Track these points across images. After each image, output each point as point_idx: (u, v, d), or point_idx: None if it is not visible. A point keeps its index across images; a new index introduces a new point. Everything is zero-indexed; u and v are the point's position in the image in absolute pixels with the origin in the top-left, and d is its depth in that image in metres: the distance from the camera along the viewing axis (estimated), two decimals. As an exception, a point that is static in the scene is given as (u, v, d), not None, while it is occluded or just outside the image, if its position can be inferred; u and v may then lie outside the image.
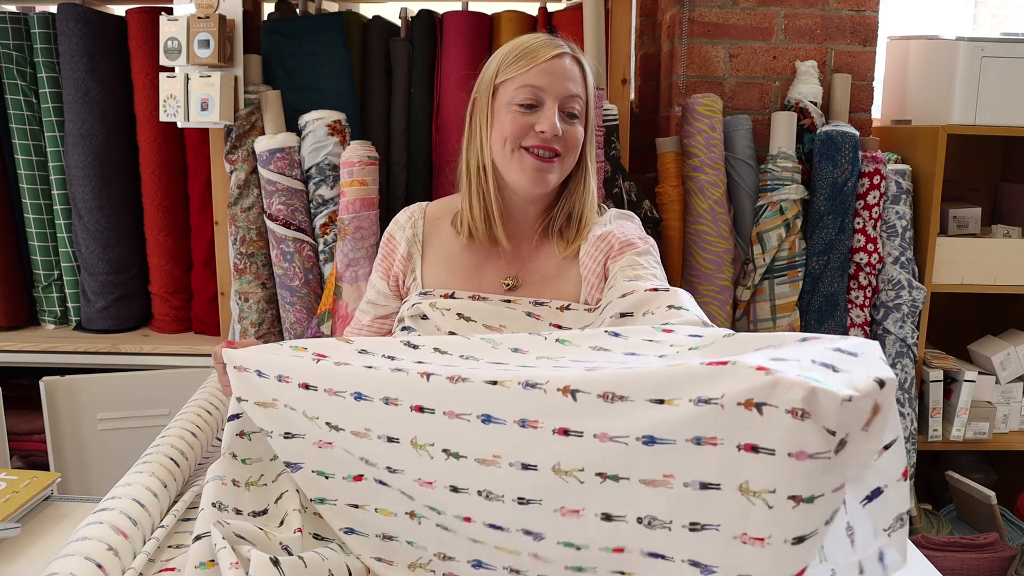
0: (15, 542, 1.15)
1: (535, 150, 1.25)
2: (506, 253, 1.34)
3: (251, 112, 1.88)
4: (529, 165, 1.25)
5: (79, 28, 1.96)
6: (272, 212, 1.86)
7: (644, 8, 2.45)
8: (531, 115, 1.25)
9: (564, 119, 1.26)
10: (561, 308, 1.28)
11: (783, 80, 2.17)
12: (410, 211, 1.41)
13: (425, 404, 0.91)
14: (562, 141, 1.26)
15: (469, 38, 1.96)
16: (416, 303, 1.29)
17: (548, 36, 1.30)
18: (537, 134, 1.24)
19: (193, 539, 0.97)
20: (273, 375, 1.05)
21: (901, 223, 2.02)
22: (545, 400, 0.83)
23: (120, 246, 2.09)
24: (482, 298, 1.30)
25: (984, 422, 2.13)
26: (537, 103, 1.25)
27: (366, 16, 2.06)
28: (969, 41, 2.01)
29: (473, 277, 1.33)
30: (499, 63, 1.29)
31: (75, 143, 2.00)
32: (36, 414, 1.97)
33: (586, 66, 1.30)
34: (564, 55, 1.27)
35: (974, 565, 1.90)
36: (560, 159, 1.27)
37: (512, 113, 1.25)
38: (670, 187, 2.00)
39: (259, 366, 1.06)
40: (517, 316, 1.26)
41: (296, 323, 1.88)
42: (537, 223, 1.35)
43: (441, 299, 1.30)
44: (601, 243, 1.30)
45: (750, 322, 2.02)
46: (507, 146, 1.26)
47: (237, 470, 1.10)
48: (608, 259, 1.29)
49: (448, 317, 1.26)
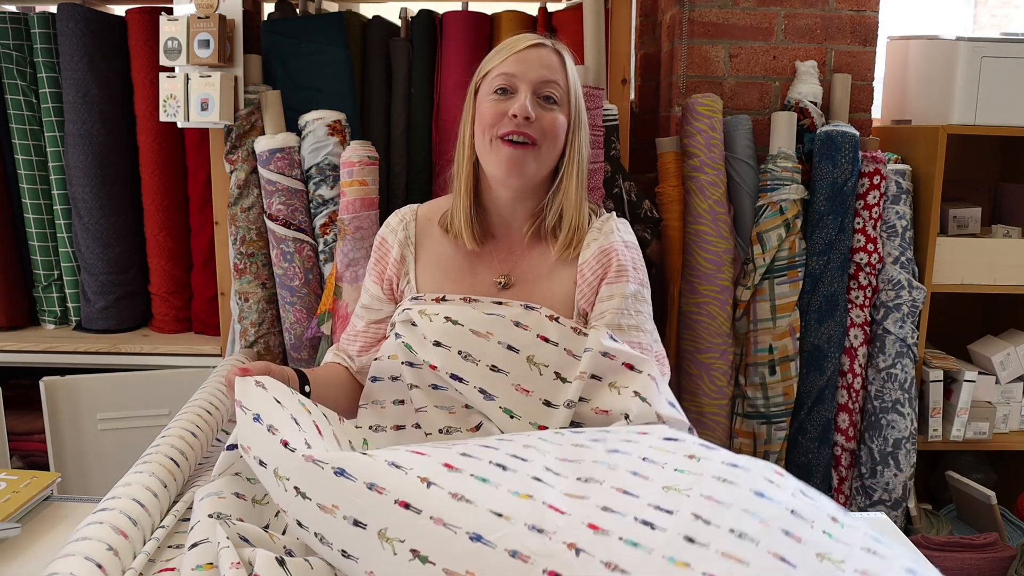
0: (15, 542, 1.14)
1: (509, 136, 1.24)
2: (499, 252, 1.33)
3: (251, 112, 1.88)
4: (505, 154, 1.24)
5: (79, 28, 1.96)
6: (272, 212, 1.86)
7: (644, 8, 2.45)
8: (505, 101, 1.25)
9: (539, 103, 1.25)
10: (551, 317, 1.26)
11: (783, 80, 2.17)
12: (401, 214, 1.40)
13: (412, 503, 0.85)
14: (538, 127, 1.24)
15: (469, 38, 1.96)
16: (406, 308, 1.29)
17: (533, 35, 1.31)
18: (511, 119, 1.23)
19: (188, 547, 0.97)
20: (265, 423, 1.01)
21: (901, 223, 2.02)
22: (548, 545, 0.79)
23: (120, 246, 2.09)
24: (473, 300, 1.30)
25: (984, 422, 2.13)
26: (511, 89, 1.25)
27: (366, 16, 2.06)
28: (969, 41, 2.01)
29: (466, 277, 1.33)
30: (484, 62, 1.31)
31: (75, 143, 2.00)
32: (36, 414, 1.97)
33: (566, 58, 1.30)
34: (541, 46, 1.28)
35: (974, 565, 1.90)
36: (536, 148, 1.25)
37: (488, 102, 1.26)
38: (670, 187, 2.00)
39: (259, 410, 1.04)
40: (505, 325, 1.25)
41: (296, 323, 1.88)
42: (528, 223, 1.33)
43: (432, 303, 1.29)
44: (603, 258, 1.30)
45: (750, 322, 2.02)
46: (485, 136, 1.26)
47: (240, 485, 1.10)
48: (603, 280, 1.29)
49: (436, 322, 1.25)
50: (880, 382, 2.03)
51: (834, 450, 2.09)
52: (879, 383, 2.03)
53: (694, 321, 2.00)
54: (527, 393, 1.21)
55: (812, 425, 2.04)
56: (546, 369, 1.22)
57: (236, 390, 1.08)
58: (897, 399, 2.01)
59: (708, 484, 0.85)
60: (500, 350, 1.23)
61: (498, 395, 1.21)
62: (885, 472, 2.02)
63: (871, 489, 2.04)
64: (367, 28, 2.02)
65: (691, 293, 2.00)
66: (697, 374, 2.01)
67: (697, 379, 2.01)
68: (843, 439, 2.07)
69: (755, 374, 2.02)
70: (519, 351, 1.23)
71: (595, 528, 0.80)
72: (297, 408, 1.09)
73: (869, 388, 2.05)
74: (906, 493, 2.04)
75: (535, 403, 1.21)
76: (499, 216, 1.34)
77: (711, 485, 0.84)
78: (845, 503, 2.10)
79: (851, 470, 2.09)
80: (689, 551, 0.76)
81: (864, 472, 2.06)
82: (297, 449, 0.94)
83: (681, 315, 2.02)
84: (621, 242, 1.33)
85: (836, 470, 2.09)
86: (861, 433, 2.07)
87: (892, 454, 2.01)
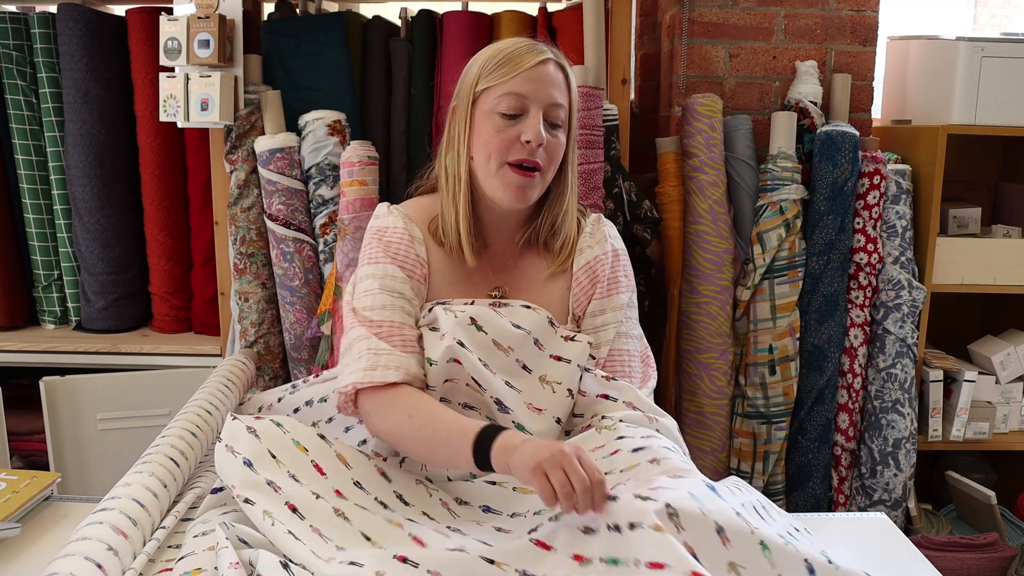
0: (15, 542, 1.15)
1: (520, 163, 1.20)
2: (492, 262, 1.30)
3: (251, 112, 1.88)
4: (513, 181, 1.20)
5: (79, 28, 1.96)
6: (272, 212, 1.86)
7: (644, 8, 2.45)
8: (515, 125, 1.20)
9: (547, 128, 1.21)
10: (550, 321, 1.27)
11: (783, 80, 2.17)
12: (401, 215, 1.30)
13: (410, 557, 0.93)
14: (544, 153, 1.21)
15: (469, 38, 1.96)
16: (432, 308, 1.25)
17: (531, 41, 1.25)
18: (523, 145, 1.19)
19: (178, 560, 0.98)
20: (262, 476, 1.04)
21: (901, 223, 2.02)
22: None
23: (120, 246, 2.09)
24: (503, 304, 1.27)
25: (984, 422, 2.13)
26: (521, 111, 1.20)
27: (366, 16, 2.06)
28: (969, 41, 2.01)
29: (463, 287, 1.30)
30: (479, 70, 1.23)
31: (75, 143, 2.00)
32: (36, 414, 1.97)
33: (569, 73, 1.26)
34: (548, 61, 1.22)
35: (974, 565, 1.90)
36: (541, 173, 1.22)
37: (495, 123, 1.20)
38: (670, 187, 2.00)
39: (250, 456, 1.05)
40: (526, 341, 1.25)
41: (296, 323, 1.88)
42: (519, 234, 1.31)
43: (459, 304, 1.25)
44: (597, 267, 1.31)
45: (750, 322, 2.02)
46: (492, 162, 1.21)
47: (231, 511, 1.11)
48: (596, 293, 1.30)
49: (461, 319, 1.21)
50: (880, 382, 2.03)
51: (834, 450, 2.09)
52: (879, 383, 2.03)
53: (694, 321, 2.00)
54: (540, 412, 1.21)
55: (812, 425, 2.04)
56: (559, 387, 1.23)
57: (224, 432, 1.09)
58: (897, 399, 2.01)
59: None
60: (516, 367, 1.23)
61: (513, 408, 1.20)
62: (885, 472, 2.02)
63: (871, 489, 2.04)
64: (367, 28, 2.02)
65: (691, 293, 2.00)
66: (697, 374, 2.01)
67: (697, 379, 2.01)
68: (843, 439, 2.07)
69: (755, 374, 2.02)
70: (532, 371, 1.24)
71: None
72: (293, 457, 1.09)
73: (869, 388, 2.05)
74: (906, 493, 2.04)
75: (549, 420, 1.21)
76: (492, 225, 1.30)
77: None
78: (845, 503, 2.11)
79: (851, 470, 2.09)
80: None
81: (864, 472, 2.06)
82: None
83: (681, 315, 2.02)
84: (612, 251, 1.32)
85: (836, 470, 2.09)
86: (861, 433, 2.08)
87: (892, 454, 2.01)
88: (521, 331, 1.23)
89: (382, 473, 1.16)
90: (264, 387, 1.92)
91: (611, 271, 1.31)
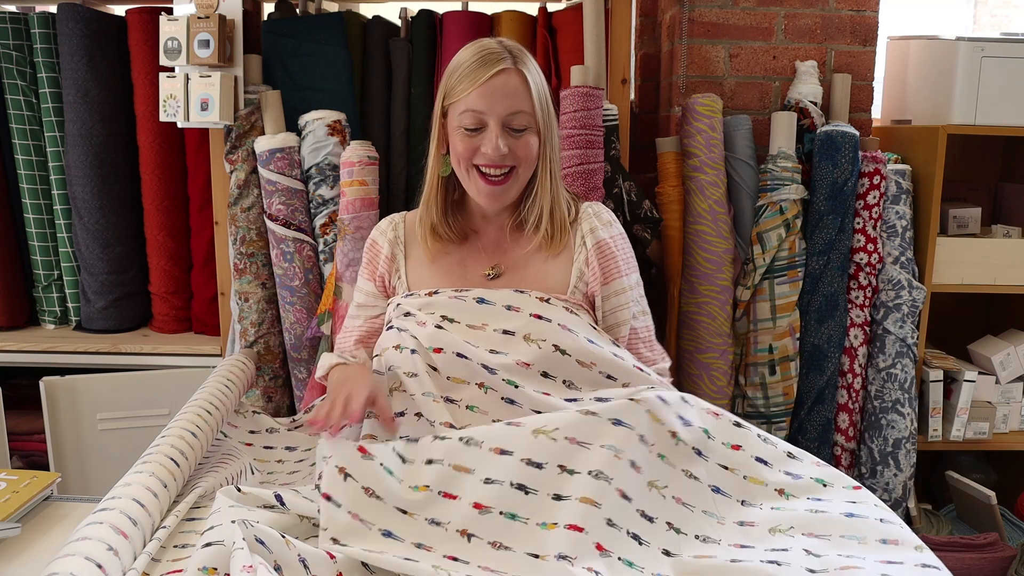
0: (15, 542, 1.15)
1: (486, 171, 1.32)
2: (484, 245, 1.42)
3: (251, 112, 1.88)
4: (483, 190, 1.34)
5: (79, 28, 1.96)
6: (272, 212, 1.86)
7: (644, 8, 2.45)
8: (476, 137, 1.31)
9: (510, 135, 1.31)
10: (540, 299, 1.34)
11: (783, 80, 2.17)
12: (390, 219, 1.50)
13: (460, 556, 1.03)
14: (511, 156, 1.32)
15: (469, 38, 1.92)
16: (399, 303, 1.38)
17: (492, 48, 1.32)
18: (483, 154, 1.31)
19: (202, 545, 0.96)
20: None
21: (901, 223, 2.02)
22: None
23: (120, 246, 2.09)
24: (463, 291, 1.36)
25: (984, 422, 2.13)
26: (480, 125, 1.31)
27: (366, 16, 2.06)
28: (969, 41, 2.01)
29: (456, 273, 1.40)
30: (445, 83, 1.35)
31: (75, 143, 2.00)
32: (36, 414, 1.97)
33: (529, 77, 1.32)
34: (503, 72, 1.30)
35: (974, 565, 1.91)
36: (515, 172, 1.34)
37: (460, 136, 1.32)
38: (670, 187, 2.00)
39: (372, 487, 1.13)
40: (498, 312, 1.32)
41: (296, 323, 1.88)
42: (507, 220, 1.42)
43: (424, 296, 1.36)
44: (608, 248, 1.40)
45: (750, 322, 2.02)
46: (462, 167, 1.34)
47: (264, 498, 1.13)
48: (608, 275, 1.39)
49: (429, 329, 1.31)
50: (880, 382, 2.03)
51: (834, 450, 2.09)
52: (879, 383, 2.03)
53: (694, 321, 2.00)
54: (527, 366, 1.27)
55: (812, 425, 2.04)
56: (544, 343, 1.28)
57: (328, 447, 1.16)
58: (897, 399, 2.01)
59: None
60: (497, 335, 1.30)
61: (499, 369, 1.27)
62: (885, 472, 2.02)
63: (871, 489, 2.04)
64: (367, 28, 2.02)
65: (691, 293, 2.00)
66: (697, 374, 2.01)
67: (697, 379, 2.01)
68: (843, 439, 2.07)
69: (755, 374, 2.02)
70: (515, 333, 1.29)
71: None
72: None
73: (869, 388, 2.05)
74: (906, 493, 2.05)
75: (535, 375, 1.27)
76: (480, 214, 1.43)
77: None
78: (845, 503, 2.10)
79: (851, 470, 2.09)
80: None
81: (864, 472, 2.06)
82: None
83: (681, 315, 2.02)
84: (620, 234, 1.44)
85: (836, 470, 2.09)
86: (861, 433, 2.08)
87: (892, 454, 2.01)
88: (485, 304, 1.32)
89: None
90: (264, 387, 1.92)
91: (622, 252, 1.42)
